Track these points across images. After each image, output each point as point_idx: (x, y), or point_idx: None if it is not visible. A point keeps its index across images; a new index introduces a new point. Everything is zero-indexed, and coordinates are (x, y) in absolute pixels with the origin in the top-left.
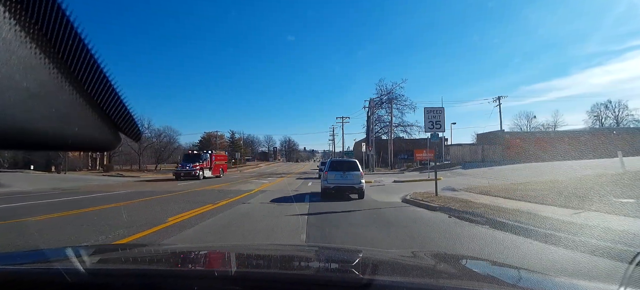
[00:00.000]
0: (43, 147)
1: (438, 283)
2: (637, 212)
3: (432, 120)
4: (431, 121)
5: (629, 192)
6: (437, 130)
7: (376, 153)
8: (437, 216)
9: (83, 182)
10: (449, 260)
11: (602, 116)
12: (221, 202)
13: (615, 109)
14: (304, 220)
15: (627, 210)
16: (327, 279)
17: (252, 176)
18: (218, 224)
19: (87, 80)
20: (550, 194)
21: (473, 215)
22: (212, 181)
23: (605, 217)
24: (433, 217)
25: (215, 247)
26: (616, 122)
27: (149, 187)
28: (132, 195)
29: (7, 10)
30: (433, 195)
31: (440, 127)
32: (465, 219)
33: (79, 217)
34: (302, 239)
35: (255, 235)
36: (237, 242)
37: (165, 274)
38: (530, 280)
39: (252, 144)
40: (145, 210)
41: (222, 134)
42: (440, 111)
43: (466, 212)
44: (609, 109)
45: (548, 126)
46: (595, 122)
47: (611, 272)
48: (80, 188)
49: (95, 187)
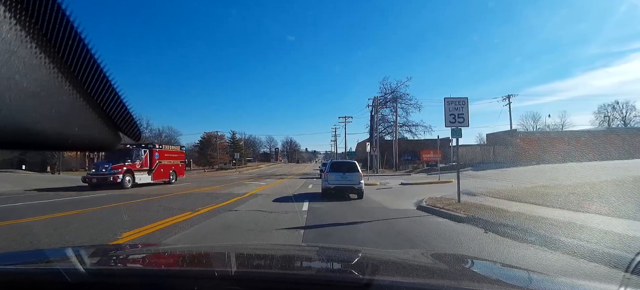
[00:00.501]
0: (43, 147)
1: (438, 283)
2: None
3: (454, 113)
4: (453, 114)
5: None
6: (460, 125)
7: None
8: (468, 230)
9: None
10: (449, 260)
11: (609, 117)
12: (203, 208)
13: (622, 110)
14: (299, 237)
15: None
16: (327, 279)
17: (250, 178)
18: (189, 239)
19: (87, 80)
20: (591, 199)
21: (514, 230)
22: (179, 185)
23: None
24: (463, 232)
25: (215, 247)
26: (624, 123)
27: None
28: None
29: (7, 10)
30: (454, 201)
31: (463, 121)
32: (505, 234)
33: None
34: None
35: None
36: (236, 243)
37: (165, 274)
38: (530, 280)
39: (254, 144)
40: (103, 218)
41: (222, 134)
42: (463, 103)
43: (504, 225)
44: (616, 110)
45: (554, 127)
46: (602, 123)
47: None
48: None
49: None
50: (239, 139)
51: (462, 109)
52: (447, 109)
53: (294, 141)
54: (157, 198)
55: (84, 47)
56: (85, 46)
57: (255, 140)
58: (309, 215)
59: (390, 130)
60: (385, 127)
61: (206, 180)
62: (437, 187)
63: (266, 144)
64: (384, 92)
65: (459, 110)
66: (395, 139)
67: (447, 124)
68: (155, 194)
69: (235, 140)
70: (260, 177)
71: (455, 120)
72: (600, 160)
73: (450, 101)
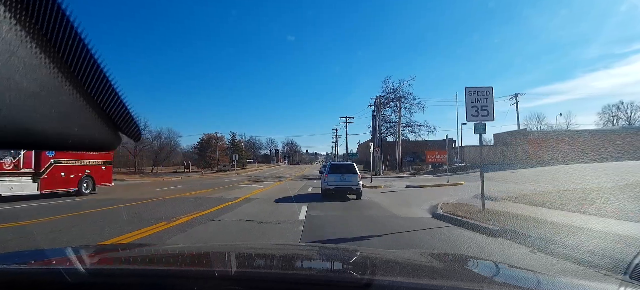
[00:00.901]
0: (43, 147)
1: (438, 283)
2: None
3: (476, 105)
4: (475, 106)
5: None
6: (484, 118)
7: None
8: (507, 248)
9: None
10: (449, 260)
11: (613, 117)
12: (183, 217)
13: (627, 110)
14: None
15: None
16: (327, 279)
17: (247, 180)
18: None
19: (87, 80)
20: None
21: (575, 250)
22: (169, 190)
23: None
24: (502, 251)
25: (216, 247)
26: (629, 123)
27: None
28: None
29: (7, 10)
30: (477, 208)
31: (487, 114)
32: (564, 256)
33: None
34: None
35: None
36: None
37: (165, 274)
38: (530, 280)
39: (254, 146)
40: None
41: (222, 136)
42: (487, 93)
43: (552, 241)
44: (620, 110)
45: (558, 127)
46: (606, 124)
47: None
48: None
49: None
50: (238, 140)
51: (486, 100)
52: (468, 101)
53: (294, 142)
54: (190, 195)
55: (84, 47)
56: (85, 46)
57: (256, 141)
58: (306, 227)
59: (393, 130)
60: (387, 127)
61: (200, 183)
62: (446, 190)
63: (267, 145)
64: (386, 92)
65: (483, 101)
66: (398, 140)
67: (469, 118)
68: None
69: (235, 142)
70: (258, 179)
71: (478, 114)
72: (623, 160)
73: (471, 91)
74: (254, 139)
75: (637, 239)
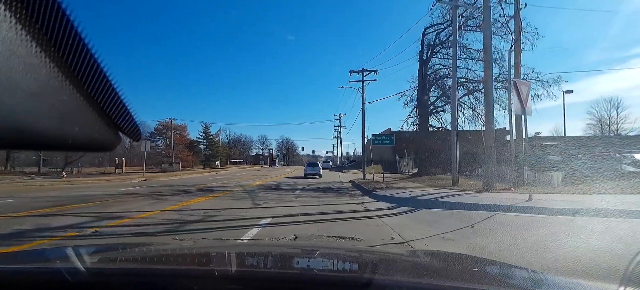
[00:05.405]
0: (43, 147)
1: (438, 283)
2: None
3: None
4: None
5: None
6: None
7: (399, 154)
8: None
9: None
10: (450, 260)
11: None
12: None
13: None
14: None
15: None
16: (327, 279)
17: (181, 188)
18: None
19: (87, 79)
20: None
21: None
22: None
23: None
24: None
25: (215, 247)
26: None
27: None
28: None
29: (7, 10)
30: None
31: None
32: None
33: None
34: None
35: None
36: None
37: (165, 274)
38: (530, 280)
39: (242, 143)
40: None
41: (183, 125)
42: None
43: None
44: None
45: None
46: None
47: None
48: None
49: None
50: (214, 134)
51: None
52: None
53: (290, 141)
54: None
55: (84, 46)
56: (85, 46)
57: (245, 139)
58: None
59: (436, 108)
60: (413, 107)
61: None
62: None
63: (258, 143)
64: (440, 20)
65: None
66: (454, 116)
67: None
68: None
69: (209, 136)
70: (211, 187)
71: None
72: None
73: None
74: (245, 136)
75: None
